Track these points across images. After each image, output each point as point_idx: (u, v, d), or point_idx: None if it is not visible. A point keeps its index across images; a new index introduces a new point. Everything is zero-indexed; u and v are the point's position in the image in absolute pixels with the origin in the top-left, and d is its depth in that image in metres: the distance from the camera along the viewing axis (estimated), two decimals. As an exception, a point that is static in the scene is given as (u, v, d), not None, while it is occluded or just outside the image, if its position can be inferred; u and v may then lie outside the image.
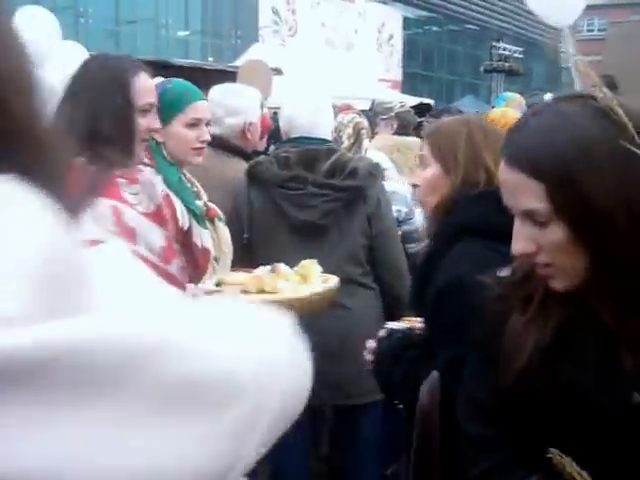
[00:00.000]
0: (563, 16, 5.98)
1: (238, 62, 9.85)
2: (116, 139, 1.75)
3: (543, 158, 1.05)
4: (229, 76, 5.66)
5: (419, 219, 3.31)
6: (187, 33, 20.91)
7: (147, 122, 1.85)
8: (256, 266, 2.24)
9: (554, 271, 1.11)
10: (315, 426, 2.96)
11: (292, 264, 2.07)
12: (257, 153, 3.00)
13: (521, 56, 26.18)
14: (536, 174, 1.05)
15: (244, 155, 2.86)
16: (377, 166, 2.59)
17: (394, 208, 2.90)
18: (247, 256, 2.51)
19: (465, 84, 31.58)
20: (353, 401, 2.62)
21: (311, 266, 1.96)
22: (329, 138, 2.66)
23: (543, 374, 1.12)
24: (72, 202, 1.38)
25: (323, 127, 2.63)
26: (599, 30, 37.63)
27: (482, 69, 25.54)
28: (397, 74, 24.53)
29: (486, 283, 1.25)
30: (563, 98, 1.13)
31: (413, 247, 3.32)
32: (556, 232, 1.06)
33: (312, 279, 1.93)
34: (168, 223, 1.89)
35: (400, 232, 3.14)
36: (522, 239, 1.10)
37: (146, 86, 1.85)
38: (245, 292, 1.83)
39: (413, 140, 4.08)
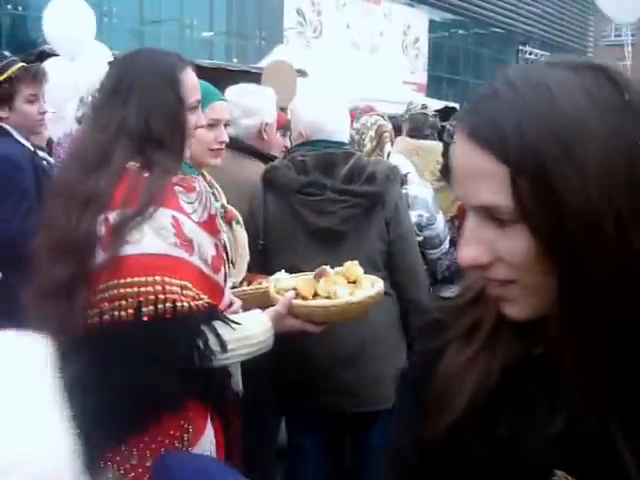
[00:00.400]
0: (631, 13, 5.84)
1: (262, 63, 9.83)
2: (169, 141, 1.66)
3: (511, 135, 0.75)
4: (253, 77, 5.65)
5: (441, 224, 3.27)
6: (211, 34, 20.97)
7: (195, 120, 1.77)
8: (271, 271, 2.23)
9: (513, 292, 0.82)
10: (335, 434, 2.94)
11: (309, 269, 2.06)
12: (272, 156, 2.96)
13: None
14: (501, 154, 0.76)
15: (260, 156, 2.83)
16: (395, 169, 2.55)
17: (415, 213, 2.86)
18: (262, 261, 2.49)
19: (490, 88, 31.36)
20: (369, 408, 2.59)
21: (355, 268, 1.93)
22: (345, 141, 2.63)
23: (478, 428, 0.86)
24: (133, 213, 1.49)
25: (341, 130, 2.60)
26: (615, 36, 37.23)
27: (508, 73, 25.36)
28: (422, 77, 24.43)
29: (429, 308, 1.04)
30: (560, 63, 0.81)
31: (434, 253, 3.28)
32: (520, 238, 0.77)
33: (361, 281, 1.92)
34: (219, 233, 1.85)
35: (421, 237, 3.11)
36: (475, 244, 0.81)
37: (194, 82, 1.75)
38: (301, 297, 1.81)
39: (433, 143, 4.04)
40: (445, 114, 4.72)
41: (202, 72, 1.93)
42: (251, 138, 2.82)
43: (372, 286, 1.93)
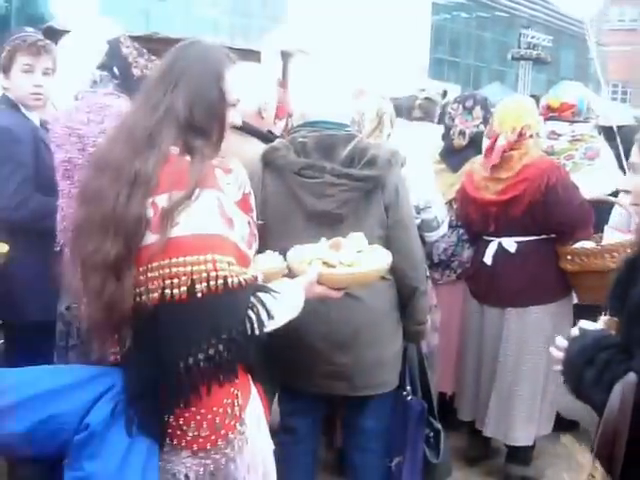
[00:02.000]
0: (586, 7, 5.84)
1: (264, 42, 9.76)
2: (209, 131, 1.74)
3: None
4: (257, 56, 5.59)
5: (439, 207, 3.26)
6: (216, 12, 20.80)
7: (231, 117, 1.84)
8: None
9: None
10: (327, 416, 2.94)
11: None
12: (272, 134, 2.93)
13: (550, 44, 25.82)
14: None
15: (260, 135, 2.80)
16: (397, 154, 2.53)
17: (413, 196, 2.84)
18: (259, 241, 2.46)
19: (492, 71, 31.24)
20: (362, 392, 2.59)
21: (360, 239, 2.05)
22: (347, 122, 2.60)
23: None
24: (183, 196, 1.57)
25: (341, 111, 2.57)
26: (630, 20, 36.95)
27: (510, 56, 25.22)
28: (424, 59, 24.28)
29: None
30: None
31: (431, 236, 3.28)
32: None
33: (367, 251, 2.03)
34: (252, 211, 1.97)
35: (419, 220, 3.10)
36: None
37: (234, 82, 1.82)
38: (327, 265, 1.92)
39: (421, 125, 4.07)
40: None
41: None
42: (250, 117, 2.78)
43: (379, 255, 2.05)
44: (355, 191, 2.45)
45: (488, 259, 3.39)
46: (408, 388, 2.78)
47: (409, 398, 2.77)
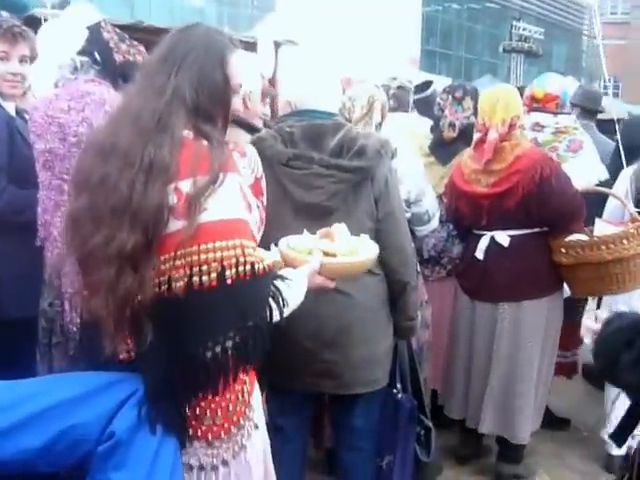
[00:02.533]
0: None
1: (254, 32, 9.66)
2: (215, 117, 1.70)
3: None
4: (245, 46, 5.49)
5: (430, 200, 3.19)
6: (203, 1, 20.64)
7: (235, 103, 1.79)
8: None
9: None
10: (315, 414, 2.88)
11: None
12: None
13: (542, 37, 25.81)
14: None
15: (245, 126, 2.72)
16: (387, 143, 2.45)
17: (404, 189, 2.77)
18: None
19: (484, 64, 31.20)
20: (352, 390, 2.53)
21: (343, 229, 2.02)
22: (335, 111, 2.52)
23: None
24: (207, 181, 1.54)
25: (329, 99, 2.49)
26: (623, 13, 36.96)
27: (501, 49, 25.18)
28: (415, 51, 24.20)
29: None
30: None
31: (422, 230, 3.21)
32: None
33: (356, 240, 2.02)
34: (263, 195, 1.99)
35: (409, 214, 3.03)
36: None
37: (239, 66, 1.78)
38: (328, 254, 1.90)
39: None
40: (422, 88, 4.60)
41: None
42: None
43: (369, 244, 2.04)
44: (344, 183, 2.38)
45: (480, 254, 3.32)
46: (398, 386, 2.73)
47: (399, 396, 2.72)
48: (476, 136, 3.40)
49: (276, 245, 2.01)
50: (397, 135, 3.29)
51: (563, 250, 3.19)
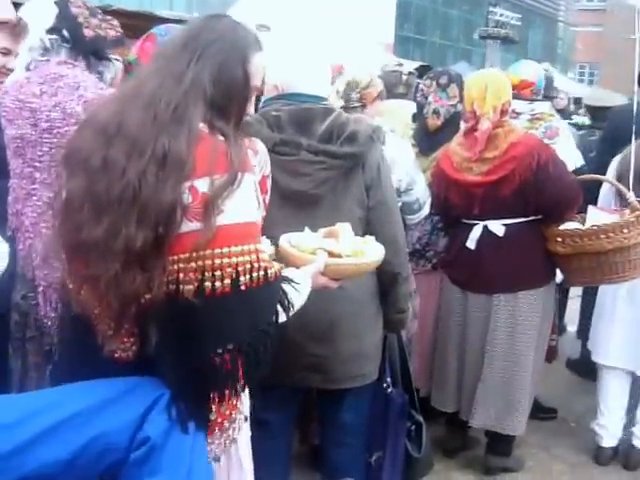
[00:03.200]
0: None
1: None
2: (230, 113, 1.60)
3: None
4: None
5: (421, 188, 3.08)
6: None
7: (251, 105, 1.71)
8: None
9: None
10: (302, 408, 2.80)
11: (282, 235, 1.94)
12: None
13: (518, 23, 25.81)
14: None
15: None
16: (378, 129, 2.34)
17: (394, 178, 2.67)
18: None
19: (459, 50, 31.17)
20: (341, 385, 2.44)
21: (347, 229, 1.96)
22: (324, 95, 2.41)
23: None
24: (226, 181, 1.46)
25: (318, 83, 2.37)
26: (599, 0, 37.09)
27: (477, 35, 25.16)
28: (390, 37, 24.08)
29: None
30: None
31: (413, 218, 3.10)
32: None
33: (362, 241, 1.98)
34: (266, 193, 1.95)
35: (400, 203, 2.92)
36: None
37: (259, 68, 1.68)
38: (333, 255, 1.85)
39: (398, 102, 3.86)
40: (420, 74, 4.53)
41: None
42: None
43: (375, 245, 1.98)
44: (333, 170, 2.27)
45: (471, 244, 3.21)
46: (388, 380, 2.64)
47: (390, 390, 2.64)
48: (463, 125, 3.31)
49: (271, 241, 1.93)
50: (399, 122, 3.19)
51: (559, 239, 3.12)
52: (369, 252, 1.91)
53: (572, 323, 5.30)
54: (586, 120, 8.83)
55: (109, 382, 1.52)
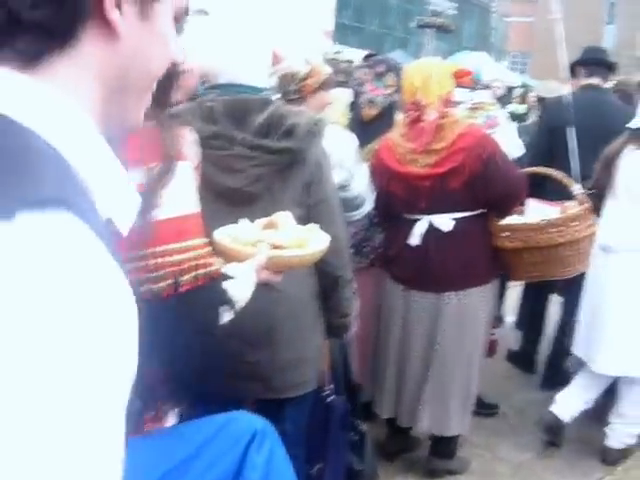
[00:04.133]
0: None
1: None
2: (159, 98, 1.43)
3: None
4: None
5: (361, 183, 2.92)
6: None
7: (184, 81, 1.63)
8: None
9: None
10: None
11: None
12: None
13: (455, 12, 26.00)
14: None
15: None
16: (320, 122, 2.18)
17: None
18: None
19: (396, 38, 31.24)
20: (281, 394, 2.28)
21: (287, 218, 1.86)
22: (263, 86, 2.23)
23: None
24: (161, 170, 1.36)
25: (256, 72, 2.19)
26: (532, -9, 37.73)
27: (414, 24, 25.21)
28: (330, 24, 23.93)
29: None
30: None
31: (354, 215, 2.94)
32: None
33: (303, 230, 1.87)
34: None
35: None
36: None
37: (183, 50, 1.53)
38: (276, 247, 1.74)
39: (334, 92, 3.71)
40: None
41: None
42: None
43: (318, 234, 1.89)
44: (269, 166, 2.11)
45: (415, 239, 3.06)
46: (330, 387, 2.50)
47: (331, 398, 2.49)
48: (400, 115, 3.18)
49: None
50: (336, 112, 3.03)
51: (506, 234, 3.04)
52: (313, 241, 1.80)
53: (510, 313, 5.27)
54: (520, 108, 8.90)
55: (197, 425, 1.42)
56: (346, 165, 2.80)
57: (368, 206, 2.96)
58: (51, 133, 0.63)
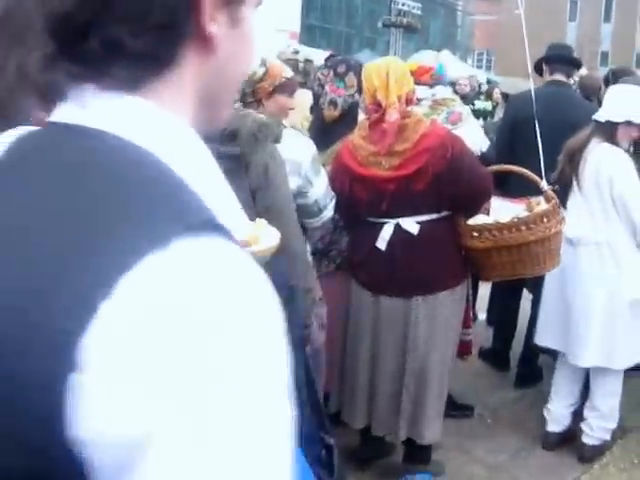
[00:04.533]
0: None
1: None
2: None
3: None
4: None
5: (320, 189, 2.81)
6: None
7: None
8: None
9: None
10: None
11: None
12: None
13: (420, 12, 26.11)
14: None
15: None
16: (265, 126, 2.09)
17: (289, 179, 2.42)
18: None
19: (363, 38, 31.28)
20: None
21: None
22: None
23: None
24: None
25: None
26: (496, -11, 38.03)
27: (380, 24, 25.27)
28: (296, 25, 23.86)
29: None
30: None
31: (314, 222, 2.83)
32: None
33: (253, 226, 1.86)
34: None
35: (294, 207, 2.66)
36: None
37: None
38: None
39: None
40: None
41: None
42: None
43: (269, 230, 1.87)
44: None
45: (382, 244, 2.97)
46: (293, 401, 2.40)
47: (295, 413, 2.40)
48: (362, 116, 3.10)
49: None
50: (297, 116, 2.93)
51: (476, 234, 2.96)
52: (264, 238, 1.76)
53: (481, 310, 5.22)
54: (487, 105, 8.88)
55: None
56: (303, 171, 2.69)
57: (329, 212, 2.85)
58: (174, 160, 0.64)
